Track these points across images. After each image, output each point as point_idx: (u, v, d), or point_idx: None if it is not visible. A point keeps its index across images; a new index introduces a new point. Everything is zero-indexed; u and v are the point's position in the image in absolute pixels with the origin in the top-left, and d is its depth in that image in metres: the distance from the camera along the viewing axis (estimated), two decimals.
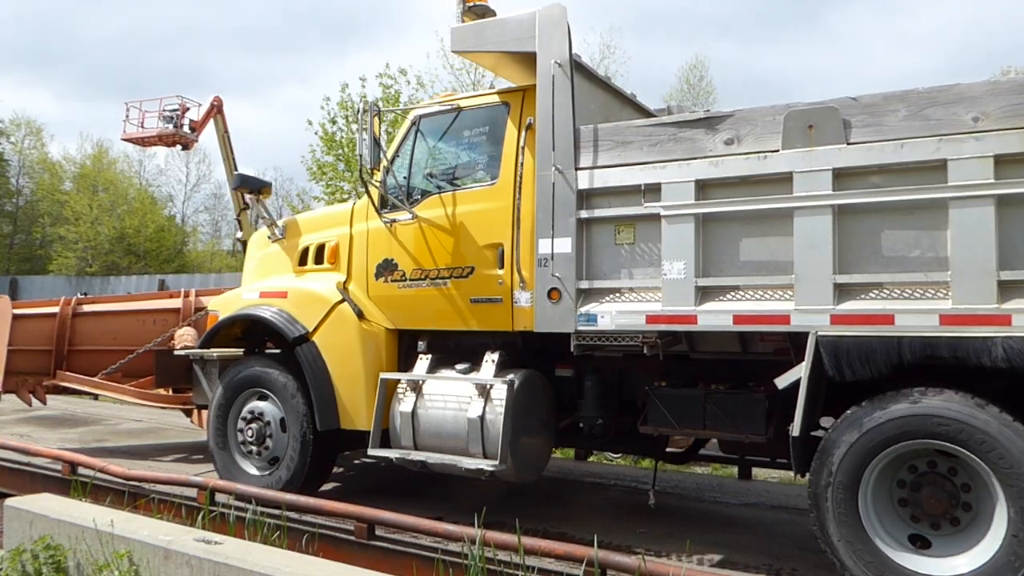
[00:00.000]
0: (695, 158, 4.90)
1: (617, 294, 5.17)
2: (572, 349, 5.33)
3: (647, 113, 6.56)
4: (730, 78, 58.28)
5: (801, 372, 4.52)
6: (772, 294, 4.69)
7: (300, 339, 6.29)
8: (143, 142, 28.45)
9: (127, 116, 27.24)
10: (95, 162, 45.47)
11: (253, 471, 6.55)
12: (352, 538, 4.90)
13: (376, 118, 5.79)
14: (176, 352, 7.45)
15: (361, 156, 5.73)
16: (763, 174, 4.70)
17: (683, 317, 4.87)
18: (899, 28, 62.29)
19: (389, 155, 6.29)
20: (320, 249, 6.64)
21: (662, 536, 5.79)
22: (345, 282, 6.40)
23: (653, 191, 5.01)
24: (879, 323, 4.35)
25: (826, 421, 4.75)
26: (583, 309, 5.19)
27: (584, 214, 5.22)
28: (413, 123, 6.27)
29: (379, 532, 4.95)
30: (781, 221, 4.67)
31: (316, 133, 24.97)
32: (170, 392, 8.53)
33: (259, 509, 5.18)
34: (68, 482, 6.22)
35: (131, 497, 5.94)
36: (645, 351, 5.10)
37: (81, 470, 6.33)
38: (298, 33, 78.40)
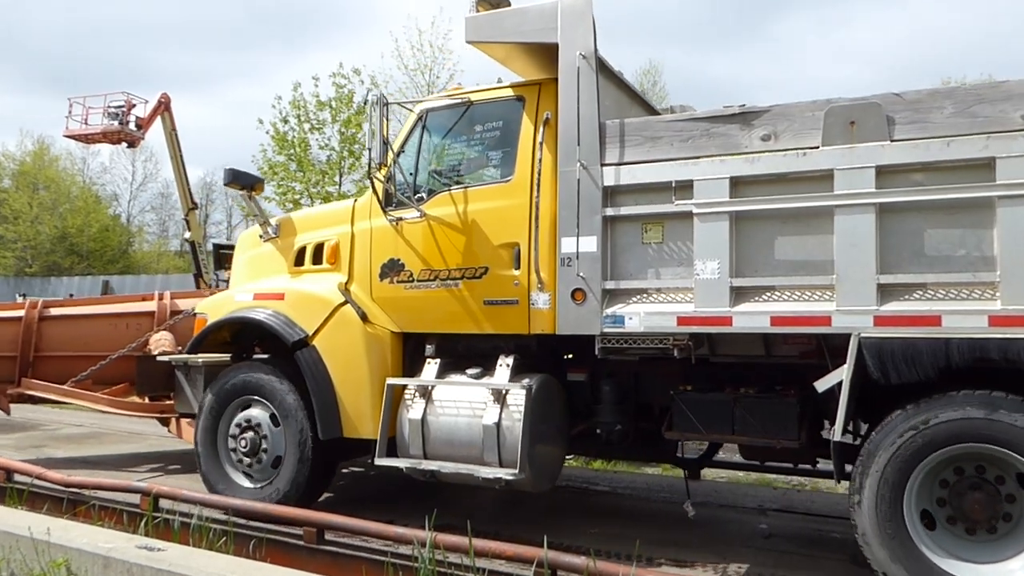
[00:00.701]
0: (730, 154, 4.78)
1: (644, 295, 5.02)
2: (596, 352, 5.17)
3: (653, 111, 6.44)
4: (681, 84, 58.97)
5: (842, 375, 4.42)
6: (810, 295, 4.59)
7: (299, 343, 6.01)
8: (87, 139, 27.64)
9: (70, 112, 26.41)
10: (36, 159, 43.99)
11: (246, 484, 6.24)
12: (301, 543, 4.92)
13: (384, 112, 5.53)
14: (159, 358, 7.07)
15: (369, 151, 5.47)
16: (802, 171, 4.60)
17: (717, 319, 4.75)
18: (837, 38, 63.80)
19: (395, 151, 6.06)
20: (319, 249, 6.36)
21: (615, 536, 5.70)
22: (346, 283, 6.14)
23: (684, 188, 4.87)
24: (925, 324, 4.27)
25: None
26: (609, 310, 5.03)
27: (610, 212, 5.07)
28: (420, 117, 6.04)
29: (329, 536, 4.96)
30: (819, 220, 4.57)
31: (267, 132, 24.67)
32: (146, 400, 8.13)
33: (204, 514, 5.11)
34: (3, 490, 5.95)
35: (71, 504, 5.81)
36: (675, 354, 4.96)
37: (18, 477, 6.05)
38: (252, 30, 77.14)
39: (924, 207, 4.35)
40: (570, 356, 5.95)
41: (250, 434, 6.18)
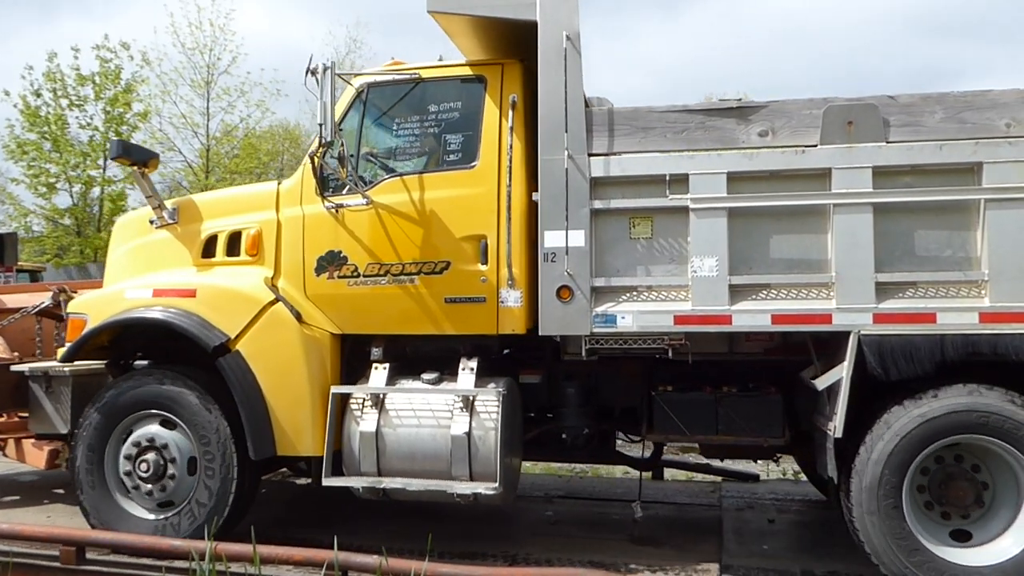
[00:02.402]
0: (727, 149, 4.77)
1: (634, 292, 4.89)
2: (583, 353, 4.98)
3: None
4: None
5: (842, 372, 4.56)
6: (807, 293, 4.69)
7: (220, 349, 5.26)
8: None
9: None
10: None
11: (143, 515, 5.40)
12: (58, 564, 4.67)
13: (334, 82, 4.96)
14: (13, 368, 5.92)
15: (321, 127, 4.87)
16: (800, 169, 4.69)
17: (716, 317, 4.73)
18: (620, 49, 67.96)
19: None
20: (234, 238, 5.60)
21: (407, 533, 5.66)
22: (273, 278, 5.46)
23: (678, 182, 4.80)
24: (921, 321, 4.51)
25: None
26: (599, 309, 4.85)
27: (598, 204, 4.88)
28: (359, 93, 5.49)
29: (91, 555, 4.78)
30: (817, 218, 4.69)
31: (15, 106, 22.04)
32: None
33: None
34: None
35: None
36: (670, 354, 4.89)
37: None
38: None
39: (917, 208, 4.59)
40: (527, 357, 5.68)
41: (151, 455, 5.33)
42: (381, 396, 5.21)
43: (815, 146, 4.67)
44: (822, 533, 5.96)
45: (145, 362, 6.01)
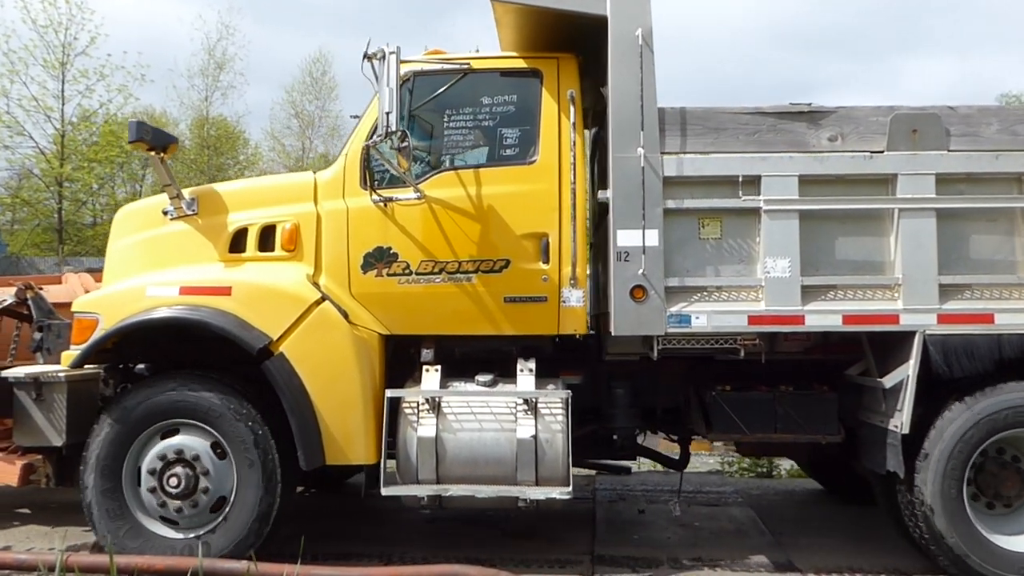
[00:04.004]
0: (799, 152, 4.94)
1: (704, 293, 4.98)
2: (654, 353, 5.02)
3: None
4: (354, 75, 58.96)
5: (908, 370, 4.82)
6: (872, 294, 4.92)
7: (264, 351, 4.96)
8: None
9: None
10: None
11: (170, 534, 5.00)
12: None
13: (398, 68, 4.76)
14: (11, 374, 5.33)
15: (388, 116, 4.65)
16: (868, 174, 4.93)
17: (789, 317, 4.88)
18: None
19: (370, 122, 5.28)
20: (267, 231, 5.29)
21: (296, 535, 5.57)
22: (313, 275, 5.20)
23: (750, 183, 4.93)
24: (980, 321, 4.84)
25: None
26: (673, 309, 4.91)
27: (671, 204, 4.94)
28: (404, 81, 5.27)
29: None
30: (880, 221, 4.94)
31: None
32: None
33: None
34: None
35: None
36: (741, 354, 5.01)
37: None
38: None
39: (974, 214, 4.91)
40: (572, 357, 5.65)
41: (181, 469, 4.94)
42: (437, 400, 5.06)
43: (882, 152, 4.91)
44: (688, 521, 6.32)
45: (142, 366, 5.60)
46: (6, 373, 5.37)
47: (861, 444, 5.32)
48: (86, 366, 5.31)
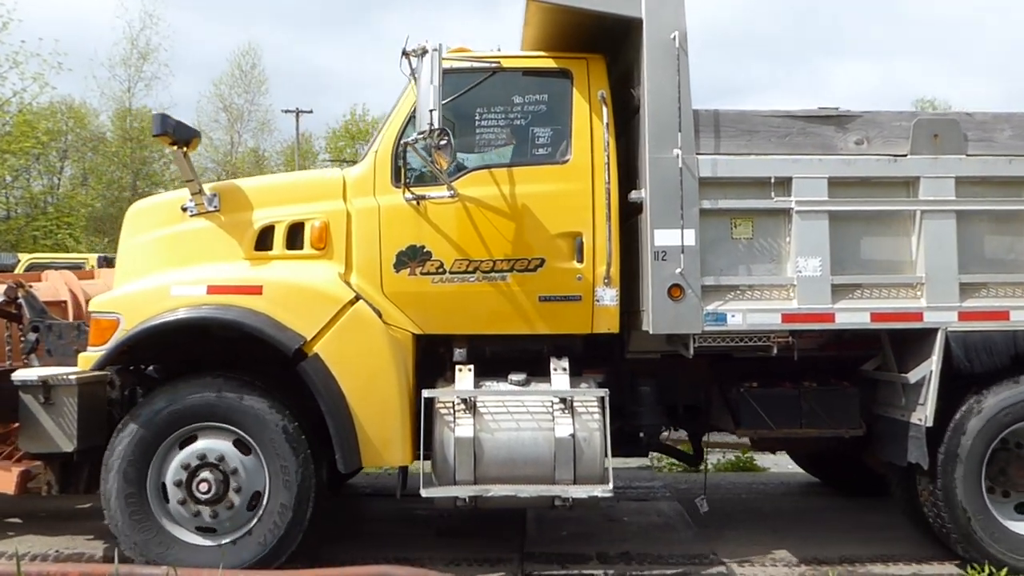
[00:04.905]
0: (828, 154, 5.13)
1: (737, 291, 5.12)
2: (689, 351, 5.14)
3: None
4: (286, 69, 58.17)
5: (932, 366, 5.07)
6: (896, 292, 5.15)
7: (299, 352, 4.89)
8: None
9: None
10: None
11: (199, 541, 4.89)
12: None
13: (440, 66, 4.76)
14: (17, 376, 5.11)
15: (431, 115, 4.64)
16: (892, 176, 5.15)
17: (820, 315, 5.07)
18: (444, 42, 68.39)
19: (401, 119, 5.28)
20: (295, 229, 5.21)
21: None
22: (344, 274, 5.15)
23: (781, 185, 5.10)
24: (997, 318, 5.11)
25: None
26: (710, 308, 5.04)
27: (706, 204, 5.07)
28: None
29: None
30: (902, 222, 5.17)
31: None
32: None
33: None
34: None
35: None
36: (774, 351, 5.17)
37: None
38: None
39: (990, 215, 5.19)
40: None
41: (212, 474, 4.84)
42: (473, 400, 5.07)
43: (905, 156, 5.14)
44: (616, 516, 6.53)
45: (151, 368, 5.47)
46: (20, 375, 5.15)
47: (878, 437, 5.55)
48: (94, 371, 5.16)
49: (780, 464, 8.74)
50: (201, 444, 4.89)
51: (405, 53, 4.88)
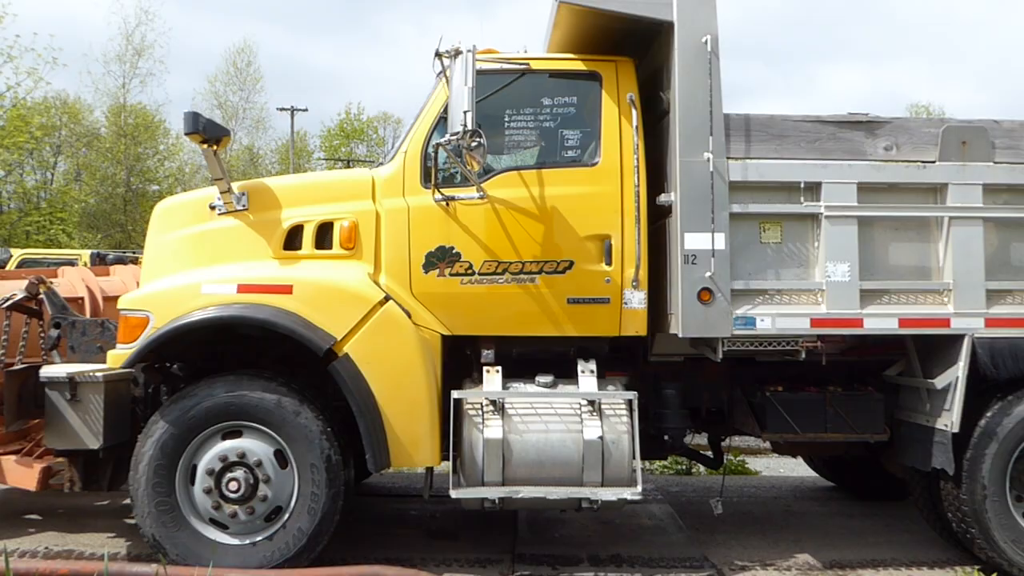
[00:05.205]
0: (857, 160, 5.16)
1: (766, 295, 5.15)
2: (718, 355, 5.16)
3: None
4: (282, 69, 58.13)
5: (959, 372, 5.11)
6: (923, 298, 5.19)
7: (329, 352, 4.90)
8: None
9: None
10: None
11: (228, 540, 4.89)
12: None
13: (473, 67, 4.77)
14: (44, 373, 5.09)
15: (466, 116, 4.64)
16: (921, 182, 5.19)
17: (849, 320, 5.10)
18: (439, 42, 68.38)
19: (430, 120, 5.30)
20: (324, 229, 5.21)
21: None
22: (373, 274, 5.16)
23: (810, 190, 5.13)
24: (1021, 325, 5.15)
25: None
26: (739, 311, 5.07)
27: (736, 208, 5.10)
28: None
29: None
30: (929, 228, 5.21)
31: None
32: None
33: None
34: None
35: None
36: (802, 356, 5.20)
37: None
38: None
39: (1016, 223, 5.23)
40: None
41: (242, 472, 4.84)
42: (501, 401, 5.09)
43: (934, 162, 5.18)
44: (608, 519, 6.55)
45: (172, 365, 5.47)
46: (49, 371, 5.14)
47: (900, 442, 5.58)
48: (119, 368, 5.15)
49: (771, 468, 8.87)
50: (244, 443, 4.88)
51: (438, 54, 4.89)
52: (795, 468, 8.55)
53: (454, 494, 4.94)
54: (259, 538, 4.89)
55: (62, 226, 33.96)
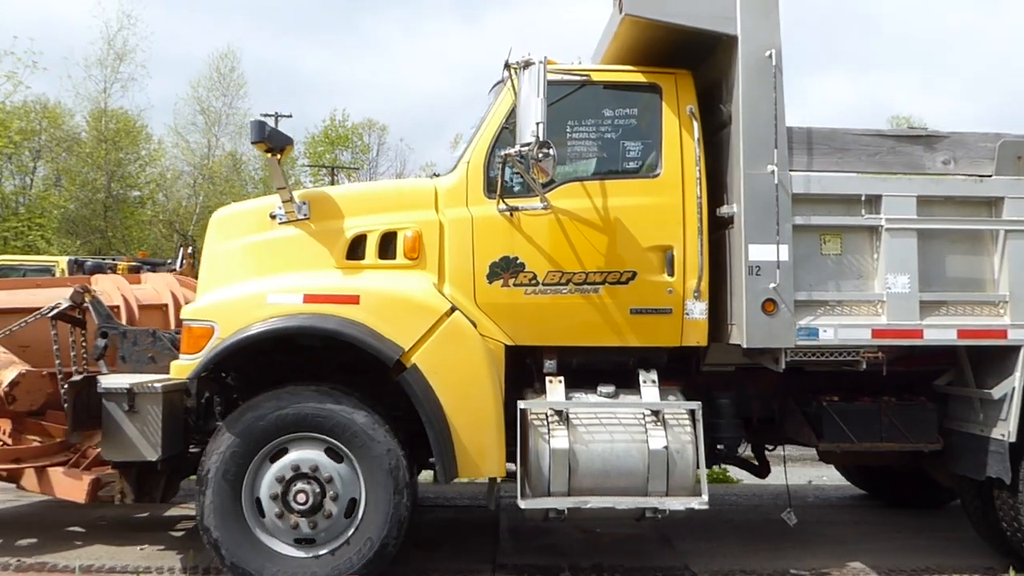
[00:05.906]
0: (917, 174, 5.27)
1: (828, 306, 5.23)
2: (781, 365, 5.23)
3: None
4: (268, 74, 57.90)
5: (1015, 382, 5.21)
6: (980, 310, 5.29)
7: (398, 363, 4.91)
8: None
9: None
10: None
11: (294, 553, 4.89)
12: None
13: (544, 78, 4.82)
14: (104, 384, 5.06)
15: (538, 127, 4.68)
16: (978, 196, 5.30)
17: (909, 331, 5.19)
18: (427, 49, 68.55)
19: (493, 130, 5.34)
20: (388, 238, 5.23)
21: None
22: (438, 284, 5.18)
23: (871, 202, 5.23)
24: None
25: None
26: (802, 322, 5.14)
27: (799, 220, 5.18)
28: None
29: None
30: (985, 241, 5.32)
31: None
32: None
33: None
34: None
35: None
36: (863, 366, 5.28)
37: None
38: None
39: None
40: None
41: (308, 485, 4.84)
42: (566, 411, 5.12)
43: (990, 176, 5.30)
44: (589, 528, 6.61)
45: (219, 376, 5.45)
46: (109, 382, 5.11)
47: (952, 452, 5.67)
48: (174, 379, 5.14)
49: (752, 476, 8.83)
50: (314, 456, 4.90)
51: (507, 65, 4.93)
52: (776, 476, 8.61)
53: (522, 504, 4.96)
54: (323, 551, 4.88)
55: (41, 232, 33.50)
